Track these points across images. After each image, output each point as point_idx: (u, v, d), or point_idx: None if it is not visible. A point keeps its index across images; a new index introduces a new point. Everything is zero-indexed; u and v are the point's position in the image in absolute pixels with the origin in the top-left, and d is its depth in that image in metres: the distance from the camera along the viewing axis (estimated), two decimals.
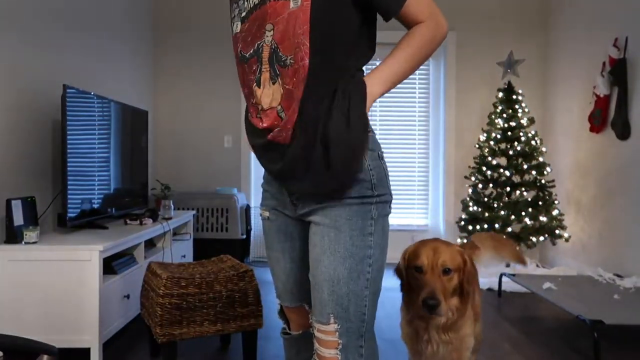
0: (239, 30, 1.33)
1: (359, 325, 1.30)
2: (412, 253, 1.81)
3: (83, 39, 3.75)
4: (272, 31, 1.24)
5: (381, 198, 1.33)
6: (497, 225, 4.48)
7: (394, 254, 1.85)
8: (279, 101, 1.26)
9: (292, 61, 1.22)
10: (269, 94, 1.27)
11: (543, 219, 4.49)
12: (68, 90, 3.01)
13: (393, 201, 1.42)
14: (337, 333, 1.29)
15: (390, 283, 2.09)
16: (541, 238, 4.52)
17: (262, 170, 5.91)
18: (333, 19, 1.23)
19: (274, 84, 1.26)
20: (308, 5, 1.20)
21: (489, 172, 4.72)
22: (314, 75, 1.22)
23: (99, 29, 4.02)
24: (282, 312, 1.61)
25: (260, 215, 1.53)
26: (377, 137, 1.70)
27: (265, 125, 1.29)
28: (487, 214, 4.57)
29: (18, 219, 2.75)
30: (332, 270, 1.28)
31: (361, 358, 1.31)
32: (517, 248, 2.50)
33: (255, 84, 1.30)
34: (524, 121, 4.71)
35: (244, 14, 1.31)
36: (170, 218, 3.88)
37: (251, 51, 1.29)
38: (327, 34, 1.23)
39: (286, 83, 1.24)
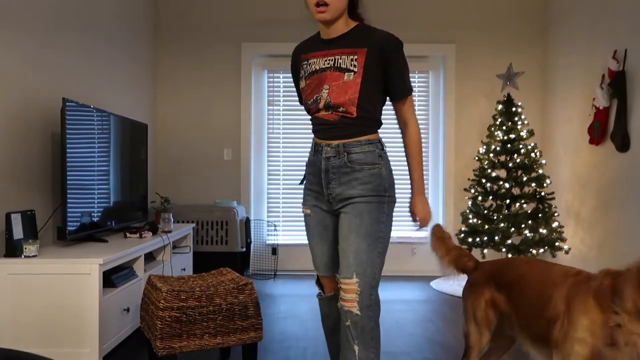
0: (305, 86, 2.08)
1: (371, 280, 1.99)
2: None
3: (83, 52, 3.77)
4: (327, 90, 2.00)
5: (391, 198, 2.10)
6: (496, 238, 4.47)
7: (395, 267, 1.87)
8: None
9: (343, 110, 1.99)
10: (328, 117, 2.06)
11: (543, 231, 4.49)
12: (67, 104, 3.02)
13: (393, 214, 2.12)
14: (357, 284, 1.96)
15: (386, 296, 2.08)
16: (541, 250, 4.50)
17: (262, 183, 5.87)
18: (370, 93, 2.01)
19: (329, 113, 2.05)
20: (359, 82, 1.97)
21: (488, 185, 4.72)
22: (358, 119, 2.01)
23: (99, 42, 4.04)
24: (318, 281, 2.25)
25: (303, 212, 2.19)
26: None
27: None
28: (486, 227, 4.57)
29: (18, 232, 2.74)
30: (356, 244, 1.98)
31: (370, 299, 1.98)
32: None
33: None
34: (523, 133, 4.72)
35: (307, 74, 2.07)
36: (169, 231, 3.88)
37: (311, 100, 2.06)
38: (365, 100, 2.00)
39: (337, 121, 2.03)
